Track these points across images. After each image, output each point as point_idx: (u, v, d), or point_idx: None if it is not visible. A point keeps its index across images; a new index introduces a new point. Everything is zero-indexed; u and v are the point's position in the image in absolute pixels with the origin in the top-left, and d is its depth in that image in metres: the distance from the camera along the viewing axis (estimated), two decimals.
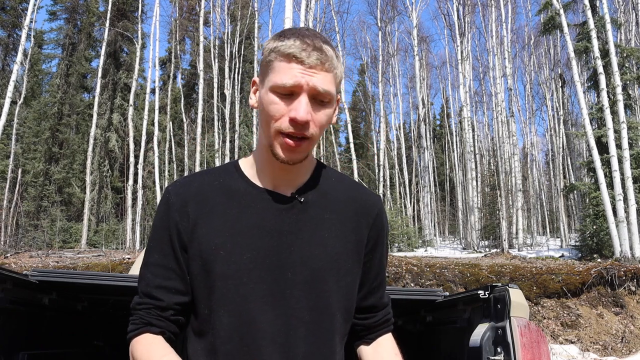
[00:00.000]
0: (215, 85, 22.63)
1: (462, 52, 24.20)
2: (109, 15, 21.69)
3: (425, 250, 20.15)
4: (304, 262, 0.99)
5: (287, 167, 1.01)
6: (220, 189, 1.04)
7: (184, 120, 25.38)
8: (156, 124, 19.00)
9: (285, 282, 0.97)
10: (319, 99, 0.95)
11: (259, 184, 1.04)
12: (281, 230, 1.00)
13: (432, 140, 31.91)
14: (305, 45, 0.92)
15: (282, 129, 0.94)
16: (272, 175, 1.04)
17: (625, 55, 15.93)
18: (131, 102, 19.62)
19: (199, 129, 19.44)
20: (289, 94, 0.93)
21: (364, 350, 1.14)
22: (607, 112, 12.87)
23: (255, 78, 1.05)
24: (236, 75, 24.36)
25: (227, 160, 22.28)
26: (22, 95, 20.24)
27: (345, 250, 1.04)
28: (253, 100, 1.04)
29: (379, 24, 26.18)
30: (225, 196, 1.03)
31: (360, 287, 1.09)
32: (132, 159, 19.03)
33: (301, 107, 0.92)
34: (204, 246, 0.98)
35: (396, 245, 19.02)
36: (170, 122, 24.83)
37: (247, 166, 1.08)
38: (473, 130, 25.15)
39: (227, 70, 23.44)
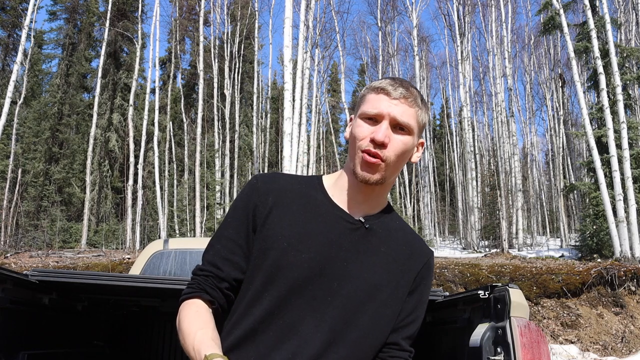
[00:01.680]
0: (215, 85, 22.64)
1: (462, 52, 24.21)
2: (109, 15, 21.69)
3: None
4: (352, 279, 1.08)
5: (363, 191, 1.13)
6: (300, 192, 1.15)
7: (184, 120, 25.38)
8: (156, 124, 19.00)
9: (330, 291, 1.06)
10: (398, 127, 1.09)
11: (335, 201, 1.15)
12: (342, 246, 1.10)
13: (432, 140, 31.92)
14: (393, 82, 1.10)
15: (362, 147, 1.08)
16: (349, 197, 1.15)
17: (625, 55, 15.92)
18: (131, 102, 19.62)
19: (199, 129, 19.44)
20: (374, 120, 1.08)
21: None
22: (607, 112, 12.87)
23: (351, 115, 1.19)
24: (236, 75, 24.37)
25: (227, 160, 22.29)
26: (22, 95, 20.24)
27: (389, 284, 1.12)
28: (347, 132, 1.17)
29: (379, 24, 26.19)
30: (303, 199, 1.14)
31: None
32: (132, 159, 19.02)
33: (380, 130, 1.06)
34: (271, 232, 1.09)
35: None
36: (170, 122, 24.84)
37: (329, 182, 1.19)
38: (473, 130, 25.16)
39: (227, 70, 23.45)
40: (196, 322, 1.04)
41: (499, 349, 1.59)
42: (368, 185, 1.10)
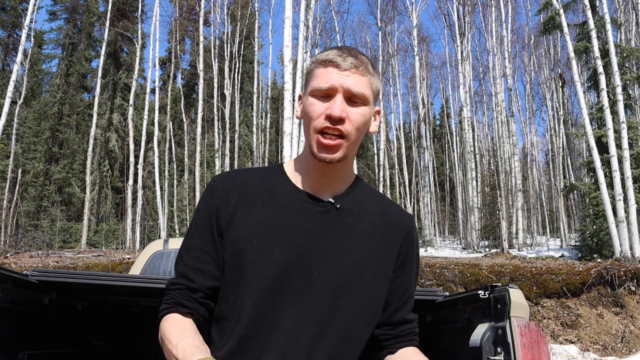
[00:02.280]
0: (215, 85, 22.63)
1: (462, 52, 24.20)
2: (109, 15, 21.69)
3: (425, 250, 20.15)
4: (331, 264, 1.04)
5: (327, 172, 1.08)
6: (263, 185, 1.11)
7: (184, 120, 25.38)
8: (156, 124, 19.00)
9: (310, 281, 1.02)
10: (353, 100, 1.02)
11: (300, 186, 1.11)
12: (314, 232, 1.05)
13: (432, 140, 31.92)
14: (341, 52, 1.03)
15: (319, 127, 1.02)
16: (313, 179, 1.10)
17: (625, 55, 15.92)
18: (131, 102, 19.62)
19: (199, 129, 19.44)
20: (326, 95, 1.02)
21: (389, 357, 1.15)
22: (607, 112, 12.87)
23: (301, 92, 1.12)
24: (236, 75, 24.36)
25: (227, 160, 22.28)
26: (22, 95, 20.24)
27: (370, 261, 1.08)
28: (298, 112, 1.12)
29: (379, 24, 26.17)
30: (266, 192, 1.09)
31: (389, 302, 1.13)
32: (132, 159, 19.02)
33: (336, 106, 1.00)
34: (239, 233, 1.04)
35: None
36: (170, 122, 24.84)
37: (291, 169, 1.14)
38: (473, 130, 25.15)
39: (227, 70, 23.44)
40: (176, 334, 1.01)
41: (499, 349, 1.59)
42: (330, 165, 1.05)
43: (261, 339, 0.99)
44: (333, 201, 1.09)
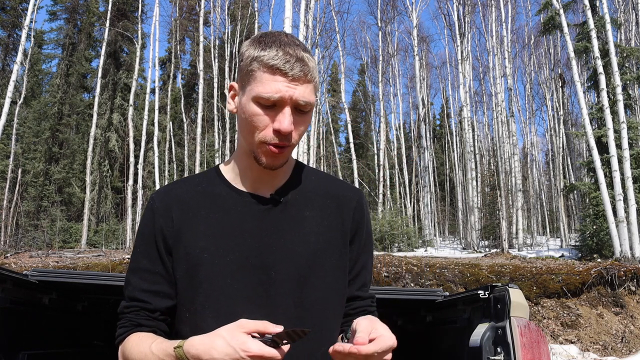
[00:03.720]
0: (215, 85, 22.64)
1: (462, 52, 24.20)
2: (109, 15, 21.69)
3: (425, 250, 20.14)
4: (287, 260, 1.01)
5: (268, 172, 1.04)
6: (203, 194, 1.07)
7: (184, 120, 25.38)
8: (156, 124, 19.00)
9: (269, 282, 0.99)
10: (300, 109, 0.97)
11: (240, 187, 1.07)
12: (263, 231, 1.02)
13: (432, 140, 31.91)
14: (288, 57, 0.94)
15: (267, 140, 0.97)
16: (253, 178, 1.07)
17: (625, 55, 15.92)
18: (131, 102, 19.62)
19: (199, 129, 19.44)
20: (272, 105, 0.96)
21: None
22: (607, 112, 12.87)
23: (233, 83, 1.06)
24: (236, 75, 24.34)
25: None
26: (22, 95, 20.23)
27: (328, 245, 1.06)
28: (232, 105, 1.05)
29: (379, 24, 26.18)
30: (207, 201, 1.05)
31: None
32: (132, 159, 19.02)
33: (285, 119, 0.95)
34: (189, 249, 1.01)
35: (396, 245, 19.01)
36: (170, 122, 24.84)
37: (228, 170, 1.10)
38: (473, 130, 25.15)
39: (227, 70, 23.44)
40: (142, 344, 0.96)
41: (499, 349, 1.59)
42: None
43: None
44: (276, 196, 1.05)
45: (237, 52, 24.04)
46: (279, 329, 0.84)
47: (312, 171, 1.15)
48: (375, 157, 25.70)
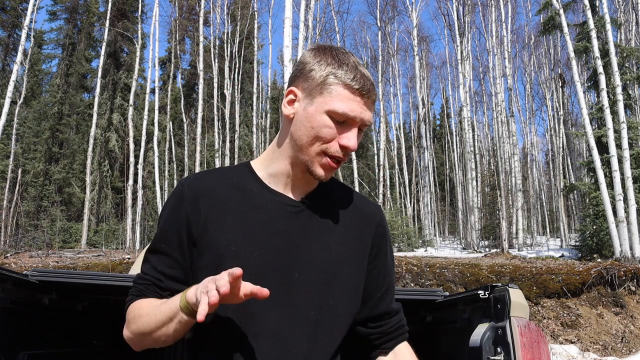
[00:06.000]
0: (215, 85, 22.63)
1: (462, 52, 24.20)
2: (109, 15, 21.69)
3: (425, 250, 20.14)
4: (310, 263, 1.03)
5: (306, 178, 1.07)
6: (234, 187, 1.07)
7: (184, 120, 25.38)
8: (156, 124, 19.01)
9: (292, 282, 1.01)
10: (360, 129, 1.03)
11: (271, 186, 1.08)
12: (290, 233, 1.04)
13: (432, 140, 31.92)
14: (366, 81, 1.00)
15: (331, 152, 1.01)
16: (287, 181, 1.08)
17: (625, 55, 15.92)
18: (131, 102, 19.62)
19: (199, 129, 19.44)
20: (343, 121, 1.00)
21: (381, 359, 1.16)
22: (607, 112, 12.87)
23: (294, 89, 1.05)
24: (236, 75, 24.35)
25: (227, 160, 22.28)
26: (22, 95, 20.24)
27: (348, 255, 1.08)
28: (289, 110, 1.05)
29: (379, 24, 26.17)
30: (238, 194, 1.06)
31: (371, 295, 1.13)
32: (132, 159, 19.03)
33: (354, 138, 1.01)
34: (215, 241, 1.01)
35: (396, 245, 19.01)
36: (170, 122, 24.84)
37: (261, 168, 1.11)
38: (473, 130, 25.15)
39: (227, 70, 23.44)
40: (150, 304, 0.99)
41: (499, 349, 1.59)
42: None
43: (248, 345, 0.97)
44: (306, 200, 1.08)
45: (237, 52, 24.07)
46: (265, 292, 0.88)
47: (337, 183, 1.18)
48: (375, 157, 25.70)
